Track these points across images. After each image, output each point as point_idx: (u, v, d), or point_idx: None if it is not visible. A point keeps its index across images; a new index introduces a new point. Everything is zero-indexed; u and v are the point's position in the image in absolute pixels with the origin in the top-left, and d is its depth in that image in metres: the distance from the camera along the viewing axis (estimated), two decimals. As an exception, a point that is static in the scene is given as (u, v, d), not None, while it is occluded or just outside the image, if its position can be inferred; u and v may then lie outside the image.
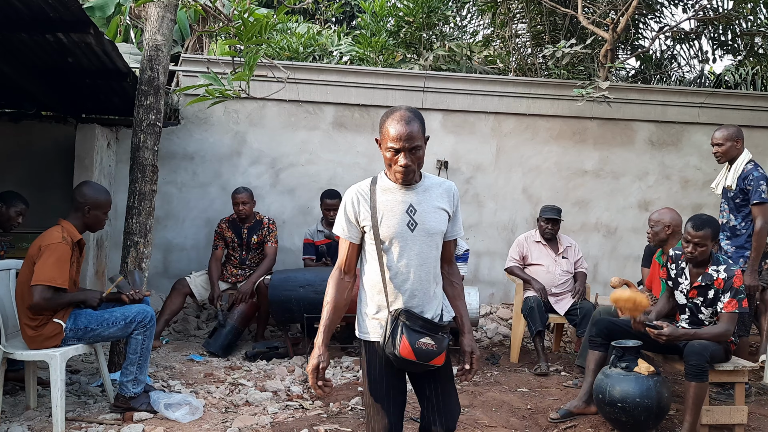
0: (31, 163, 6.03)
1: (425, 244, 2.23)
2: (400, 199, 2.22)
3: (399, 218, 2.20)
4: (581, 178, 6.67)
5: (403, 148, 2.12)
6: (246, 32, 3.35)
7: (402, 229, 2.20)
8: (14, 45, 4.30)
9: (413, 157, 2.15)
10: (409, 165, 2.14)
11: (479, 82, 6.53)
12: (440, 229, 2.26)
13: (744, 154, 4.37)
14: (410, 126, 2.11)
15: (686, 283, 3.74)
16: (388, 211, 2.21)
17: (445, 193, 2.29)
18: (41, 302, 3.37)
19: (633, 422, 3.43)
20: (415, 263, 2.22)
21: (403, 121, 2.11)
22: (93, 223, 3.65)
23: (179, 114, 6.15)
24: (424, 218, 2.22)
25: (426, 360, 2.17)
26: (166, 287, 5.73)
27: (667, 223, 4.24)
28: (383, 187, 2.24)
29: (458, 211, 2.34)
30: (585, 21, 7.06)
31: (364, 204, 2.24)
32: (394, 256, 2.22)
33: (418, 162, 2.17)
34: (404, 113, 2.14)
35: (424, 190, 2.25)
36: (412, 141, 2.12)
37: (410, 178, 2.19)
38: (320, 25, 9.89)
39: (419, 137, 2.14)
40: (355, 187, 2.28)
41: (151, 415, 3.61)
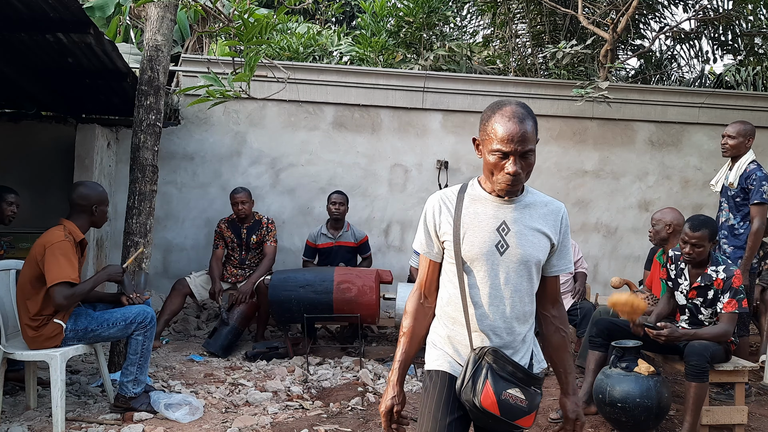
0: (31, 163, 6.03)
1: (516, 273, 1.82)
2: (492, 213, 1.84)
3: (487, 236, 1.82)
4: (581, 178, 6.67)
5: (513, 152, 1.73)
6: (246, 33, 3.35)
7: (489, 250, 1.81)
8: (14, 45, 4.30)
9: (524, 163, 1.77)
10: (519, 173, 1.76)
11: (479, 83, 6.53)
12: (536, 256, 1.83)
13: (749, 154, 4.37)
14: (524, 125, 1.74)
15: (686, 284, 3.74)
16: (475, 225, 1.83)
17: (550, 215, 1.88)
18: (64, 302, 3.37)
19: (633, 422, 3.43)
20: (502, 294, 1.83)
21: (516, 118, 1.74)
22: (99, 220, 3.69)
23: (179, 114, 6.15)
24: (519, 240, 1.82)
25: (512, 418, 1.77)
26: (166, 287, 5.74)
27: (669, 222, 4.25)
28: (473, 196, 1.87)
29: (567, 240, 1.91)
30: (585, 21, 7.06)
31: (446, 214, 1.88)
32: (476, 281, 1.83)
33: (528, 170, 1.80)
34: (516, 109, 1.76)
35: (525, 206, 1.86)
36: (525, 143, 1.74)
37: (516, 189, 1.81)
38: (320, 26, 9.89)
39: (532, 139, 1.76)
40: (439, 194, 1.93)
41: (151, 416, 3.61)
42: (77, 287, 3.42)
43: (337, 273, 4.91)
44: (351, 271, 4.99)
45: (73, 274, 3.40)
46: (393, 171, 6.43)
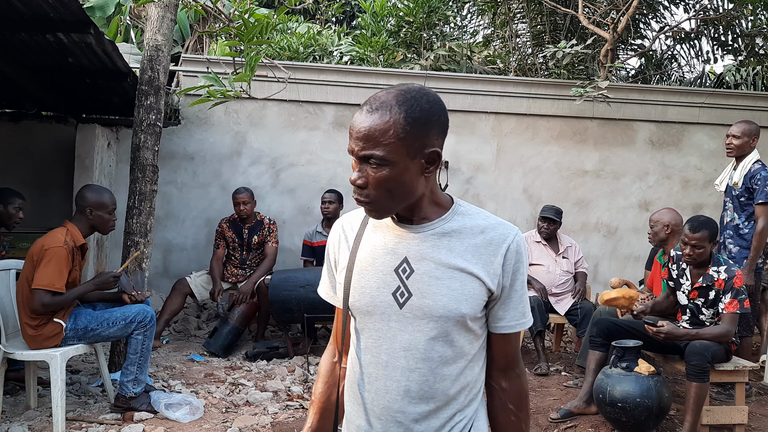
0: (31, 163, 6.03)
1: (424, 334, 1.28)
2: (391, 245, 1.31)
3: (381, 279, 1.30)
4: (581, 178, 6.67)
5: (352, 153, 1.26)
6: (247, 33, 3.35)
7: (383, 301, 1.30)
8: (14, 45, 4.30)
9: (370, 173, 1.23)
10: (360, 185, 1.25)
11: (479, 82, 6.52)
12: (456, 309, 1.26)
13: (753, 153, 4.36)
14: (373, 116, 1.22)
15: (687, 284, 3.74)
16: (368, 264, 1.32)
17: (487, 247, 1.29)
18: (39, 307, 3.39)
19: (633, 422, 3.43)
20: (403, 364, 1.29)
21: (368, 105, 1.24)
22: (98, 224, 3.65)
23: (179, 114, 6.15)
24: (426, 286, 1.27)
25: None
26: (166, 287, 5.73)
27: (667, 223, 4.25)
28: (375, 223, 1.36)
29: (520, 284, 1.32)
30: (585, 21, 7.06)
31: (344, 246, 1.39)
32: (369, 344, 1.33)
33: (380, 185, 1.23)
34: (384, 94, 1.25)
35: (443, 235, 1.29)
36: (366, 142, 1.22)
37: (378, 209, 1.27)
38: (320, 25, 9.89)
39: (385, 140, 1.20)
40: (343, 218, 1.44)
41: (151, 415, 3.61)
42: (57, 297, 3.42)
43: (337, 273, 4.90)
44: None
45: (58, 282, 3.40)
46: (393, 171, 6.42)
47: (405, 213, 1.32)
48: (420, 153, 1.23)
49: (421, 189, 1.28)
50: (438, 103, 1.28)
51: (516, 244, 1.31)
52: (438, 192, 1.34)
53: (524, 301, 1.35)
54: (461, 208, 1.35)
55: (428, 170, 1.27)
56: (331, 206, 5.57)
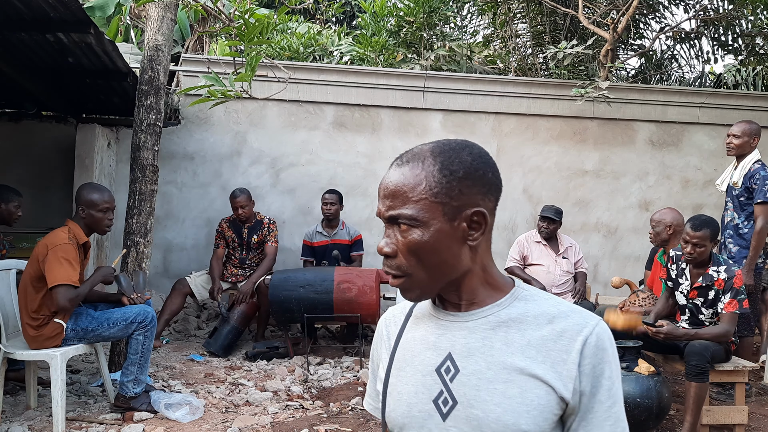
0: (31, 163, 6.04)
1: None
2: (433, 338, 1.08)
3: (417, 381, 1.07)
4: (582, 178, 6.67)
5: (380, 215, 1.06)
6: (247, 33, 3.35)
7: (421, 409, 1.05)
8: (14, 45, 4.30)
9: (400, 238, 1.03)
10: (388, 254, 1.05)
11: (479, 82, 6.53)
12: (510, 424, 0.98)
13: (754, 153, 4.36)
14: (402, 170, 1.04)
15: (686, 284, 3.74)
16: (406, 364, 1.10)
17: (553, 341, 1.01)
18: (67, 303, 3.36)
19: (633, 422, 3.43)
20: None
21: (399, 160, 1.07)
22: (91, 223, 3.61)
23: (179, 114, 6.15)
24: (473, 391, 1.01)
25: None
26: (166, 287, 5.73)
27: (669, 223, 4.24)
28: (419, 311, 1.15)
29: (603, 391, 1.00)
30: (585, 21, 7.06)
31: (385, 345, 1.19)
32: None
33: (412, 254, 1.02)
34: (414, 148, 1.08)
35: (499, 324, 1.04)
36: (393, 200, 1.03)
37: (411, 285, 1.05)
38: (320, 25, 9.89)
39: (414, 196, 1.01)
40: (389, 311, 1.23)
41: (151, 415, 3.61)
42: (78, 290, 3.42)
43: (337, 273, 4.91)
44: (351, 271, 4.99)
45: (75, 276, 3.40)
46: (393, 171, 6.42)
47: (450, 296, 1.08)
48: (460, 214, 1.01)
49: (465, 262, 1.04)
50: (484, 158, 1.06)
51: (597, 337, 1.00)
52: (494, 270, 1.08)
53: (615, 417, 1.00)
54: (523, 292, 1.07)
55: (472, 237, 1.03)
56: (333, 207, 5.58)
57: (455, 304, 1.08)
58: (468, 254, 1.05)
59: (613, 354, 1.01)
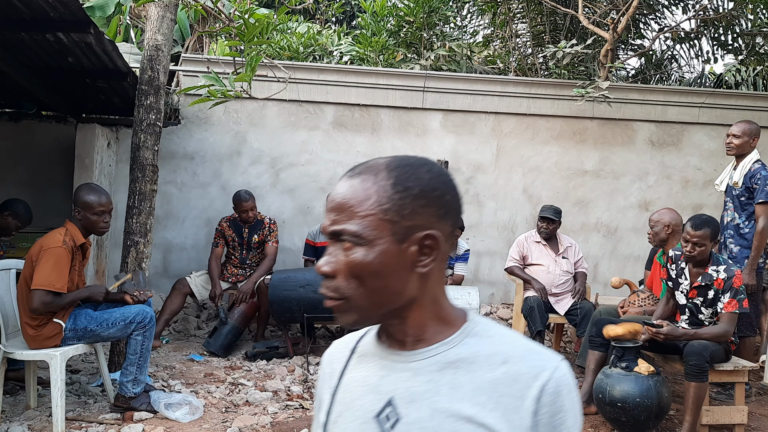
0: (31, 163, 6.03)
1: None
2: (374, 380, 0.97)
3: (356, 430, 0.96)
4: (581, 178, 6.67)
5: (323, 231, 0.95)
6: (247, 33, 3.35)
7: None
8: (14, 45, 4.30)
9: (343, 257, 0.92)
10: (327, 272, 0.94)
11: (479, 82, 6.53)
12: None
13: (753, 153, 4.37)
14: (350, 183, 0.94)
15: (686, 284, 3.74)
16: (345, 409, 0.99)
17: (507, 385, 0.91)
18: (40, 306, 3.38)
19: (633, 422, 3.43)
20: None
21: (349, 172, 0.97)
22: (87, 225, 3.59)
23: (179, 114, 6.15)
24: None
25: None
26: (166, 287, 5.73)
27: (667, 223, 4.25)
28: (363, 348, 1.04)
29: None
30: (585, 21, 7.06)
31: (327, 384, 1.06)
32: None
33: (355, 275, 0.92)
34: (370, 160, 0.98)
35: (445, 365, 0.94)
36: (337, 214, 0.93)
37: (348, 309, 0.94)
38: (320, 25, 9.89)
39: (359, 211, 0.92)
40: (333, 344, 1.11)
41: (151, 415, 3.61)
42: (57, 298, 3.41)
43: (337, 273, 4.91)
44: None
45: (58, 282, 3.39)
46: (393, 171, 6.42)
47: (395, 331, 0.96)
48: (410, 236, 0.91)
49: (411, 290, 0.92)
50: (443, 178, 0.97)
51: (556, 382, 0.89)
52: (445, 303, 0.97)
53: None
54: (476, 327, 0.96)
55: (422, 263, 0.92)
56: None
57: (400, 341, 0.96)
58: (416, 282, 0.93)
59: (574, 402, 0.90)
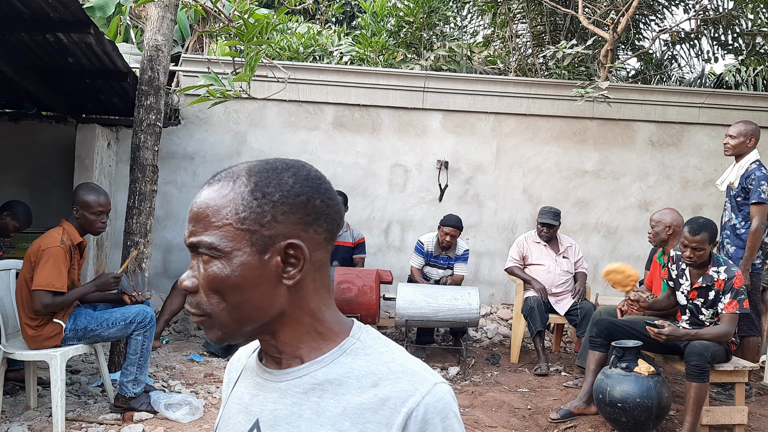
0: (31, 163, 6.03)
1: None
2: (246, 400, 0.93)
3: None
4: (581, 178, 6.67)
5: (185, 242, 0.89)
6: (247, 33, 3.35)
7: None
8: (14, 45, 4.30)
9: (204, 270, 0.86)
10: (188, 287, 0.87)
11: (479, 83, 6.52)
12: None
13: (752, 154, 4.36)
14: (210, 190, 0.89)
15: (687, 284, 3.74)
16: (224, 426, 0.96)
17: (373, 411, 0.82)
18: (41, 308, 3.37)
19: (633, 422, 3.43)
20: None
21: (209, 179, 0.93)
22: (84, 224, 3.57)
23: (179, 114, 6.15)
24: None
25: None
26: (166, 287, 5.73)
27: (668, 224, 4.25)
28: (249, 364, 0.99)
29: None
30: (585, 21, 7.06)
31: (224, 393, 1.03)
32: None
33: (217, 287, 0.85)
34: (234, 166, 0.94)
35: (313, 387, 0.87)
36: (196, 224, 0.87)
37: (212, 325, 0.88)
38: (320, 25, 9.89)
39: (223, 222, 0.85)
40: (240, 350, 1.09)
41: (151, 415, 3.61)
42: (58, 297, 3.41)
43: (337, 273, 4.91)
44: (351, 271, 4.99)
45: (58, 282, 3.38)
46: (393, 171, 6.43)
47: (268, 348, 0.90)
48: (272, 246, 0.84)
49: (279, 304, 0.85)
50: (312, 182, 0.89)
51: (425, 409, 0.80)
52: (327, 316, 0.89)
53: None
54: (356, 344, 0.87)
55: (288, 274, 0.85)
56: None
57: (275, 358, 0.90)
58: (285, 295, 0.85)
59: (447, 430, 0.81)
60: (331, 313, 0.91)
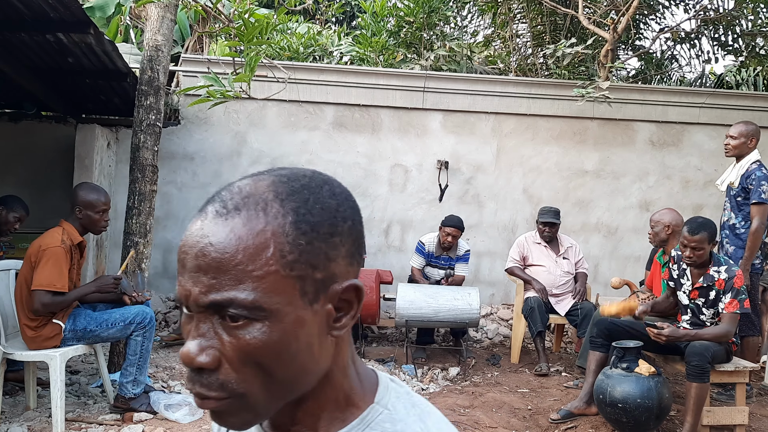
0: (31, 163, 6.03)
1: None
2: None
3: None
4: (582, 178, 6.66)
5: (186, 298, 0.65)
6: (247, 33, 3.35)
7: None
8: (14, 45, 4.30)
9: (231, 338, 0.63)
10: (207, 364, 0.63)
11: (480, 83, 6.52)
12: None
13: (752, 154, 4.35)
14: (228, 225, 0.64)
15: (688, 284, 3.73)
16: None
17: None
18: (40, 307, 3.37)
19: (634, 423, 3.43)
20: None
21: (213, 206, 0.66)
22: (87, 224, 3.58)
23: (179, 114, 6.15)
24: None
25: None
26: (166, 287, 5.73)
27: (668, 223, 4.24)
28: None
29: None
30: (585, 21, 7.06)
31: None
32: None
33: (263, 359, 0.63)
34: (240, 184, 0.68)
35: None
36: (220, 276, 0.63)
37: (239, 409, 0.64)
38: (320, 26, 9.89)
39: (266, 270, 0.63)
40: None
41: (151, 416, 3.60)
42: (58, 297, 3.40)
43: (337, 273, 4.90)
44: (351, 272, 4.98)
45: (59, 282, 3.38)
46: (393, 171, 6.43)
47: (283, 417, 0.70)
48: (325, 291, 0.66)
49: (325, 363, 0.68)
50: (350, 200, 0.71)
51: None
52: (354, 370, 0.72)
53: None
54: (383, 414, 0.70)
55: (340, 324, 0.68)
56: None
57: (282, 428, 0.72)
58: (329, 351, 0.68)
59: None
60: (358, 365, 0.73)
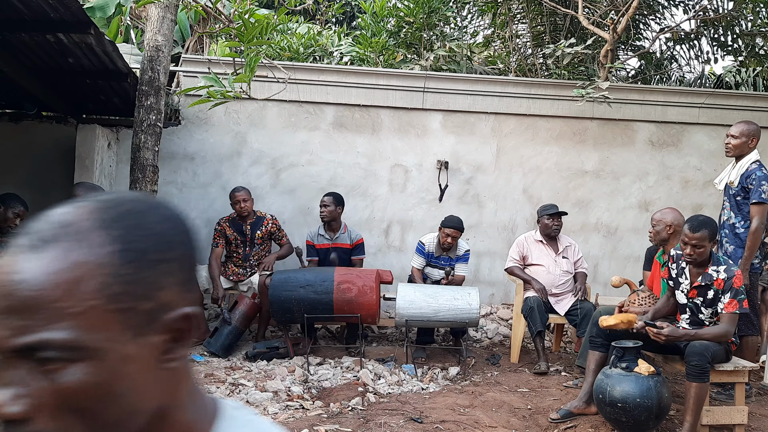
0: (31, 164, 6.03)
1: None
2: None
3: None
4: (581, 178, 6.67)
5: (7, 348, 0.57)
6: (247, 33, 3.35)
7: None
8: (14, 45, 4.31)
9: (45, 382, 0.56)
10: (20, 415, 0.56)
11: (479, 83, 6.53)
12: None
13: (752, 154, 4.36)
14: (40, 260, 0.59)
15: (686, 283, 3.74)
16: None
17: None
18: None
19: (633, 422, 3.43)
20: None
21: (24, 239, 0.64)
22: None
23: (180, 114, 6.16)
24: None
25: None
26: (167, 287, 5.72)
27: (669, 223, 4.25)
28: None
29: None
30: (585, 21, 7.06)
31: None
32: None
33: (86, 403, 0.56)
34: (56, 214, 0.63)
35: None
36: (30, 317, 0.56)
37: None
38: (320, 26, 9.89)
39: (85, 305, 0.57)
40: None
41: None
42: None
43: (337, 273, 4.92)
44: (351, 272, 5.00)
45: None
46: (393, 171, 6.43)
47: None
48: (154, 322, 0.60)
49: (157, 399, 0.61)
50: (182, 222, 0.66)
51: None
52: (191, 405, 0.66)
53: None
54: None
55: (173, 353, 0.62)
56: (326, 209, 5.48)
57: None
58: (163, 386, 0.62)
59: None
60: (198, 396, 0.66)
